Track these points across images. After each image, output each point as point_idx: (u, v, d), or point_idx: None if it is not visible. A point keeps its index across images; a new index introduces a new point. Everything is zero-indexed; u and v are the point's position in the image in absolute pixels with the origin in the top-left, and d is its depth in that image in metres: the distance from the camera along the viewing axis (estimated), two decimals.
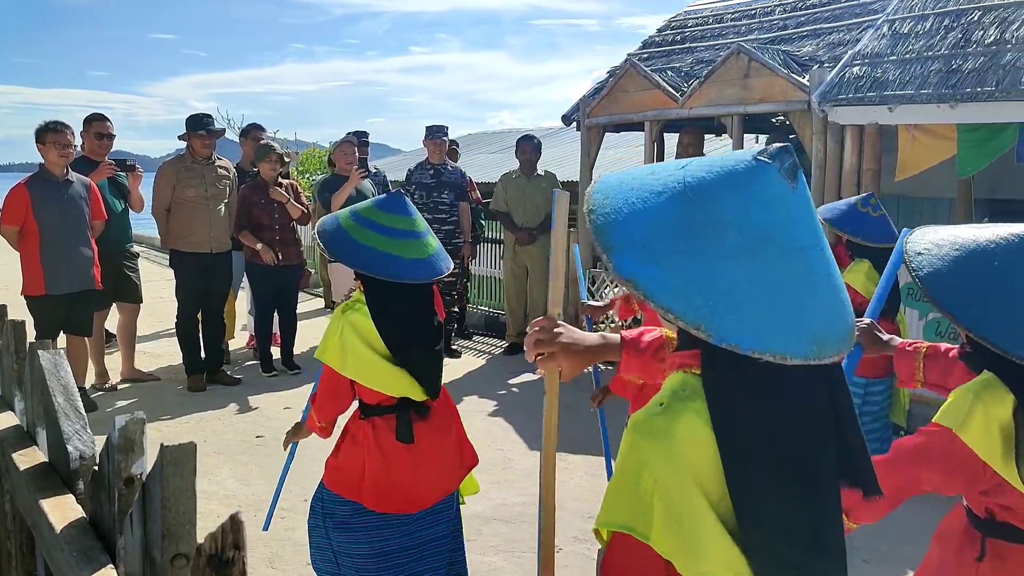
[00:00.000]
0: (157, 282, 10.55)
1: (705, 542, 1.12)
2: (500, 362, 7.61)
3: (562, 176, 9.13)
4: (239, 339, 7.83)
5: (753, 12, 7.91)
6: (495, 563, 3.77)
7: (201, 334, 6.61)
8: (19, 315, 2.26)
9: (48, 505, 1.38)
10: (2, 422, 1.88)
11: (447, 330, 7.74)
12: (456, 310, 7.95)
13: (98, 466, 1.33)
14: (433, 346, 2.69)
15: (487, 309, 9.07)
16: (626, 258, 1.13)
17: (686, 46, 8.07)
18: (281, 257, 6.68)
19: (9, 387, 2.01)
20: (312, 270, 10.57)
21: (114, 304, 6.48)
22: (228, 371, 6.81)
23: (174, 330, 6.72)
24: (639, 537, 1.15)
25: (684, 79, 7.01)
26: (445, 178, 7.60)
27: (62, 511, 1.35)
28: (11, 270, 6.26)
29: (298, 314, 7.21)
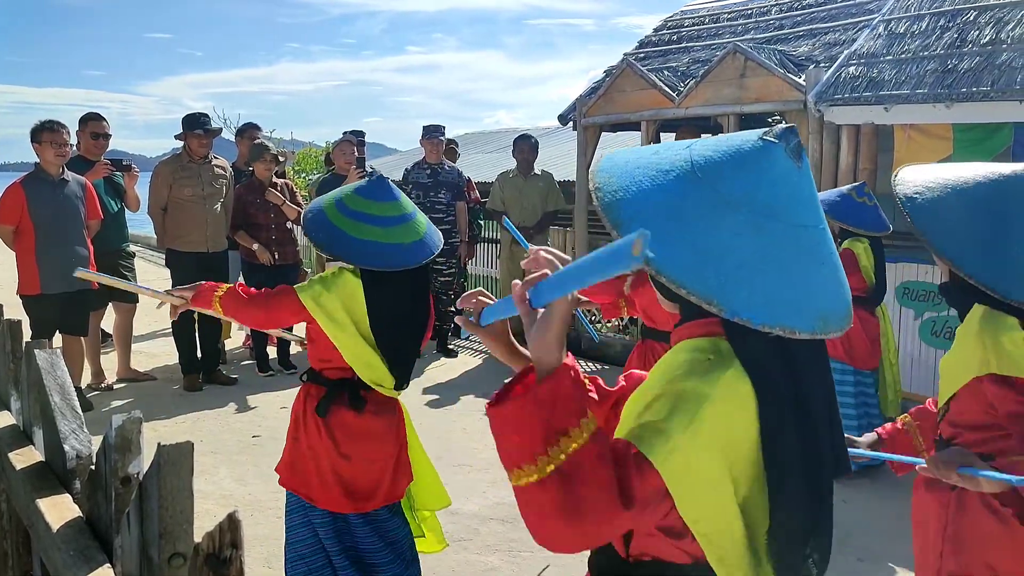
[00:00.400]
0: (153, 281, 10.52)
1: (710, 498, 1.13)
2: (497, 361, 7.58)
3: (559, 176, 9.12)
4: (235, 339, 7.82)
5: (749, 12, 7.92)
6: (492, 563, 3.77)
7: (197, 334, 6.60)
8: (15, 315, 2.25)
9: (45, 504, 1.38)
10: None
11: (444, 330, 7.74)
12: (452, 310, 7.94)
13: (95, 465, 1.33)
14: (417, 334, 2.72)
15: None
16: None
17: (682, 46, 8.07)
18: (277, 257, 6.67)
19: (5, 387, 2.01)
20: (309, 270, 10.55)
21: (110, 304, 6.47)
22: (224, 371, 6.80)
23: (170, 330, 6.70)
24: (649, 454, 1.11)
25: (680, 79, 7.02)
26: (442, 178, 7.60)
27: (59, 510, 1.35)
28: (6, 270, 6.24)
29: None
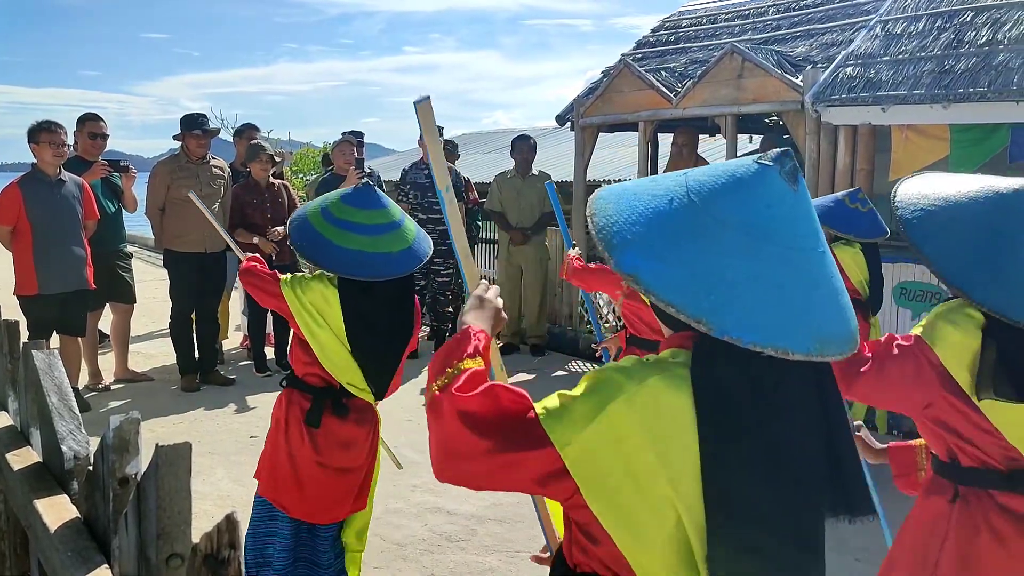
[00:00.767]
0: (151, 282, 10.52)
1: (608, 485, 1.15)
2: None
3: (556, 176, 9.13)
4: (233, 339, 7.81)
5: (747, 12, 7.93)
6: (489, 563, 3.77)
7: (195, 334, 6.59)
8: (12, 315, 2.25)
9: (42, 505, 1.38)
10: None
11: (441, 330, 7.74)
12: (451, 310, 7.94)
13: (92, 466, 1.33)
14: (399, 343, 2.67)
15: None
16: (628, 253, 1.15)
17: (680, 46, 8.08)
18: (274, 258, 6.67)
19: (3, 387, 2.00)
20: (305, 270, 10.55)
21: (107, 304, 6.46)
22: (222, 371, 6.79)
23: (168, 330, 6.70)
24: (549, 431, 1.17)
25: (678, 79, 7.02)
26: None
27: (56, 511, 1.35)
28: (4, 270, 6.23)
29: None
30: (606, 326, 7.53)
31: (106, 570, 1.17)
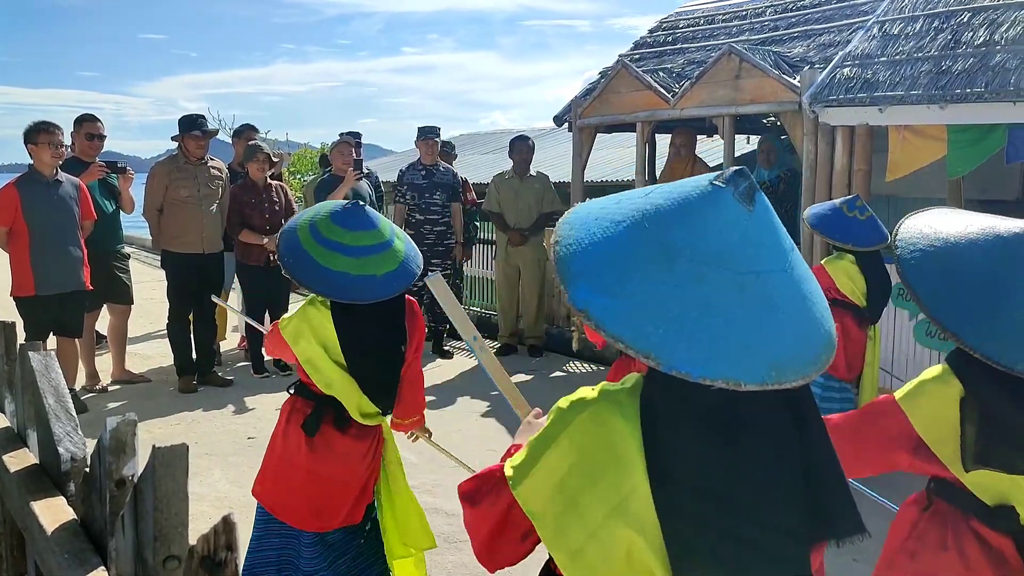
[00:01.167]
0: (148, 283, 10.51)
1: (567, 524, 1.19)
2: None
3: (554, 177, 9.12)
4: (230, 340, 7.81)
5: (744, 13, 7.94)
6: None
7: (192, 335, 6.59)
8: (9, 317, 2.25)
9: (39, 507, 1.37)
10: None
11: (439, 331, 7.73)
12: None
13: (89, 468, 1.32)
14: (394, 359, 2.66)
15: (480, 310, 9.07)
16: (581, 288, 1.12)
17: (677, 47, 8.09)
18: (272, 259, 6.67)
19: (0, 389, 2.00)
20: None
21: (104, 305, 6.46)
22: (219, 372, 6.79)
23: (165, 331, 6.69)
24: (509, 484, 1.26)
25: (676, 80, 7.03)
26: (437, 179, 7.59)
27: (53, 513, 1.35)
28: (0, 271, 6.22)
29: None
30: None
31: (103, 572, 1.17)
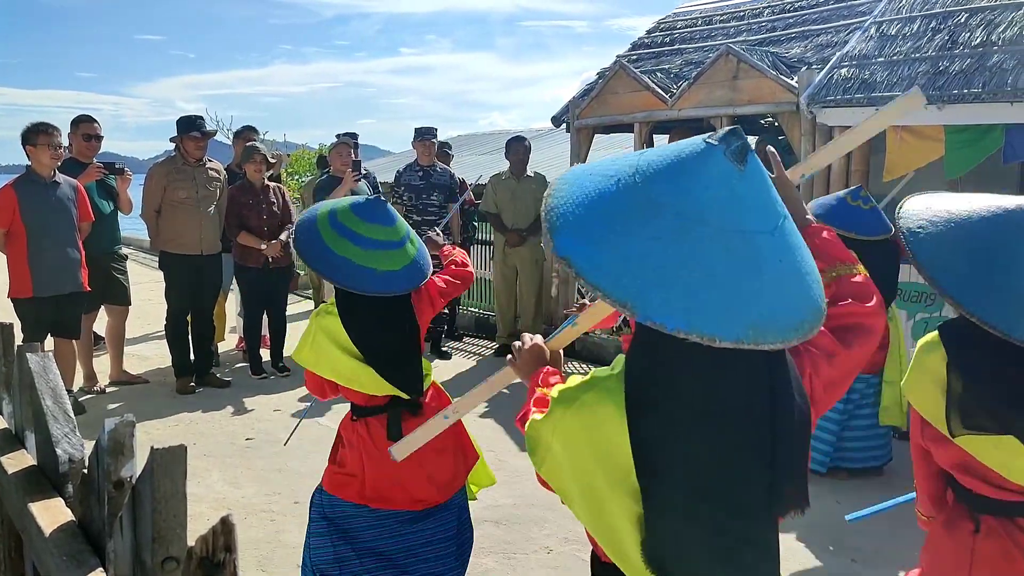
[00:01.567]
0: (146, 284, 10.50)
1: (575, 503, 1.30)
2: (490, 363, 7.61)
3: (551, 178, 9.11)
4: (228, 341, 7.80)
5: (742, 14, 7.94)
6: (486, 565, 3.77)
7: (190, 336, 6.58)
8: (6, 318, 2.25)
9: (37, 509, 1.37)
10: None
11: (437, 331, 7.73)
12: (446, 311, 7.94)
13: (87, 469, 1.32)
14: (405, 350, 2.66)
15: (477, 311, 9.07)
16: (564, 238, 1.14)
17: (675, 48, 8.09)
18: (270, 260, 6.67)
19: None
20: (301, 272, 10.56)
21: (102, 306, 6.45)
22: (217, 373, 6.78)
23: (163, 332, 6.69)
24: (534, 464, 1.37)
25: (673, 81, 7.03)
26: (434, 180, 7.59)
27: (51, 515, 1.35)
28: None
29: (288, 316, 7.19)
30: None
31: (101, 573, 1.17)
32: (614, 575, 1.31)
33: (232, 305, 7.65)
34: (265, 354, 7.05)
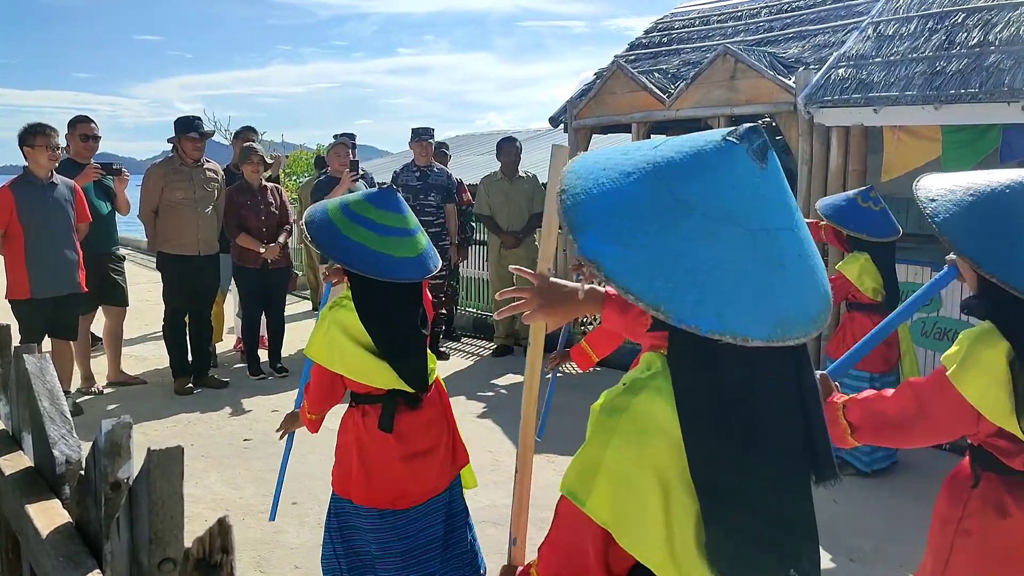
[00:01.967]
0: (143, 285, 10.50)
1: (644, 518, 1.16)
2: (488, 364, 7.61)
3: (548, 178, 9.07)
4: (226, 342, 7.80)
5: (739, 14, 7.95)
6: (485, 565, 3.76)
7: (188, 337, 6.58)
8: (3, 319, 2.24)
9: (34, 510, 1.37)
10: None
11: (435, 332, 7.73)
12: (444, 312, 7.93)
13: (84, 470, 1.32)
14: (417, 342, 2.67)
15: (475, 311, 9.07)
16: (591, 237, 1.12)
17: (673, 48, 8.09)
18: (271, 262, 6.67)
19: None
20: (299, 272, 10.55)
21: (100, 307, 6.44)
22: (215, 374, 6.78)
23: (160, 333, 6.68)
24: (576, 503, 1.20)
25: (671, 81, 7.03)
26: (431, 180, 7.59)
27: (48, 516, 1.34)
28: None
29: (286, 316, 7.19)
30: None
31: (98, 575, 1.16)
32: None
33: (230, 306, 7.64)
34: (263, 355, 7.05)
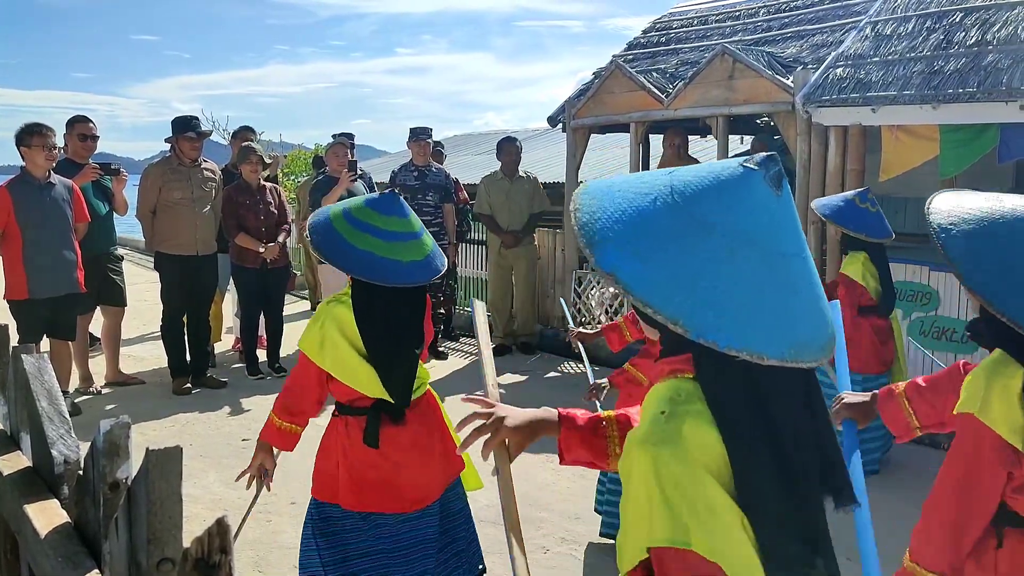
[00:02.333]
0: (141, 285, 10.48)
1: (729, 531, 1.14)
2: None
3: (548, 178, 9.11)
4: (225, 342, 7.79)
5: (737, 14, 7.95)
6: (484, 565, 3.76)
7: (186, 337, 6.57)
8: (1, 319, 2.24)
9: (32, 510, 1.37)
10: None
11: (433, 332, 7.73)
12: (443, 311, 7.94)
13: (83, 471, 1.32)
14: (408, 353, 2.65)
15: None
16: (609, 252, 1.15)
17: (671, 47, 8.10)
18: (269, 262, 6.67)
19: None
20: (298, 272, 10.55)
21: (98, 307, 6.44)
22: (214, 374, 6.78)
23: (159, 333, 6.68)
24: (680, 546, 1.16)
25: (669, 80, 7.04)
26: (430, 180, 7.59)
27: (47, 516, 1.35)
28: None
29: (285, 316, 7.18)
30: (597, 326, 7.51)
31: (96, 575, 1.17)
32: None
33: (229, 305, 7.64)
34: (262, 354, 7.04)
